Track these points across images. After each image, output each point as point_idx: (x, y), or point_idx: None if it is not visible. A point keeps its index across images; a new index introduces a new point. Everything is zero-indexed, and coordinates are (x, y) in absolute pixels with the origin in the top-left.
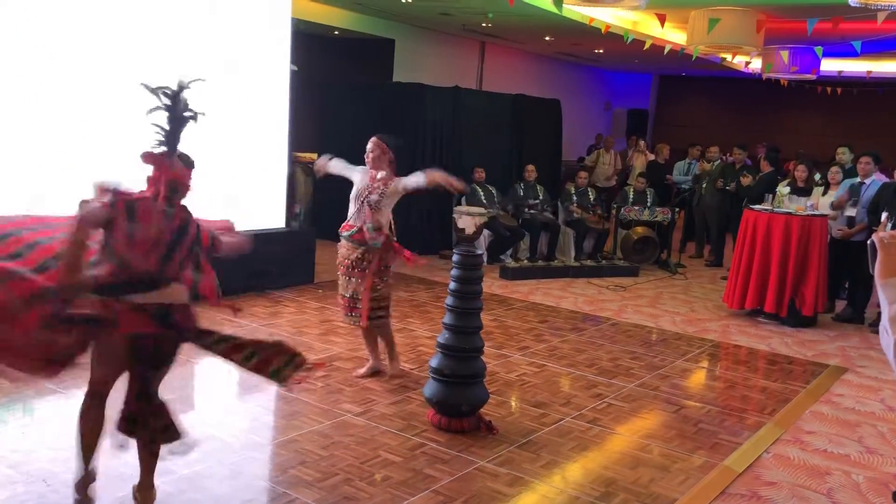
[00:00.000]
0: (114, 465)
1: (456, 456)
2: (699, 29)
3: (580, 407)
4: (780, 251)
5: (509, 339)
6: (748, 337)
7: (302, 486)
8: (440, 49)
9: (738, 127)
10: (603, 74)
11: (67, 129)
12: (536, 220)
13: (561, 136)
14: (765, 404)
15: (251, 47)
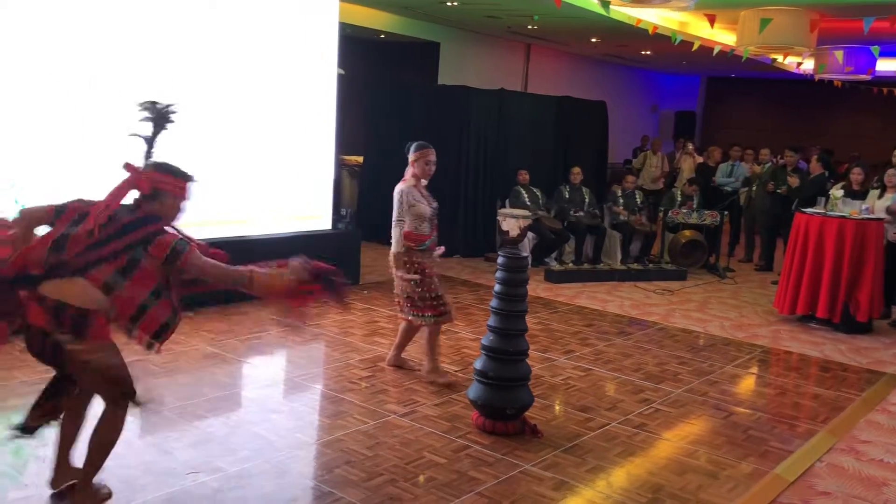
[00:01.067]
0: (162, 462)
1: (500, 459)
2: (750, 29)
3: (626, 412)
4: (833, 255)
5: (554, 342)
6: (800, 343)
7: (347, 486)
8: (485, 51)
9: (789, 129)
10: (650, 76)
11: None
12: (582, 222)
13: (607, 139)
14: (817, 412)
15: (299, 52)
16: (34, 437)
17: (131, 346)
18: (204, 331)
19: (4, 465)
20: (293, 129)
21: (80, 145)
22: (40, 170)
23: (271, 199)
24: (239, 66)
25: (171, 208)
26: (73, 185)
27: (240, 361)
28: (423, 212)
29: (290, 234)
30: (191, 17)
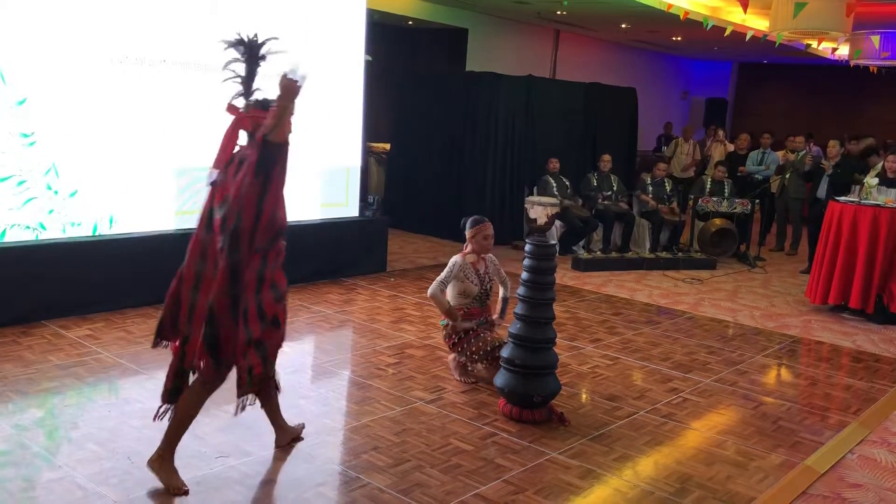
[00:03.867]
0: (192, 446)
1: (527, 446)
2: (783, 14)
3: (654, 401)
4: (867, 244)
5: (582, 330)
6: (832, 333)
7: (374, 471)
8: (514, 38)
9: (823, 116)
10: (680, 62)
11: (155, 120)
12: (610, 210)
13: (636, 126)
14: (849, 403)
15: (327, 39)
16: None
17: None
18: None
19: (39, 447)
20: (321, 115)
21: (113, 125)
22: (78, 153)
23: (298, 186)
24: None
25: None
26: (111, 168)
27: None
28: (470, 290)
29: (318, 220)
30: (220, 3)
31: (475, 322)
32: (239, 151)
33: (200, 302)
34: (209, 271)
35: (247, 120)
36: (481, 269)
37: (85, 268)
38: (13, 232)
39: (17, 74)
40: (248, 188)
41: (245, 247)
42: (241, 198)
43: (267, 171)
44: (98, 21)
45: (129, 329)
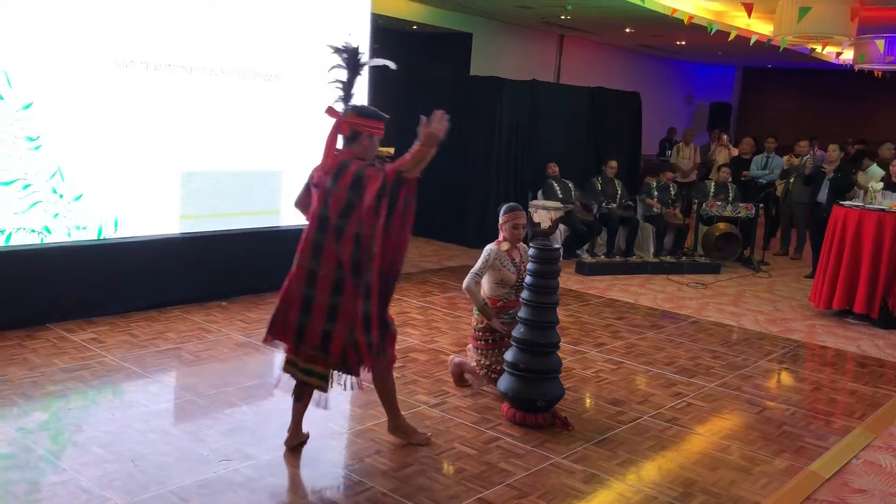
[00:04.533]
0: (195, 449)
1: (531, 451)
2: (788, 18)
3: (658, 405)
4: (871, 249)
5: (585, 335)
6: (836, 338)
7: (377, 475)
8: (518, 42)
9: (827, 121)
10: (684, 67)
11: (158, 123)
12: (614, 214)
13: (640, 130)
14: (854, 408)
15: (332, 42)
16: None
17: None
18: (237, 320)
19: (43, 450)
20: (325, 119)
21: (118, 129)
22: (83, 156)
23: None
24: (271, 57)
25: (367, 148)
26: (115, 172)
27: (272, 351)
28: (508, 279)
29: None
30: (224, 8)
31: (511, 315)
32: (341, 155)
33: (319, 298)
34: (324, 270)
35: (345, 125)
36: (516, 257)
37: (90, 271)
38: (18, 235)
39: (22, 78)
40: (374, 219)
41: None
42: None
43: (394, 201)
44: (103, 25)
45: (133, 332)
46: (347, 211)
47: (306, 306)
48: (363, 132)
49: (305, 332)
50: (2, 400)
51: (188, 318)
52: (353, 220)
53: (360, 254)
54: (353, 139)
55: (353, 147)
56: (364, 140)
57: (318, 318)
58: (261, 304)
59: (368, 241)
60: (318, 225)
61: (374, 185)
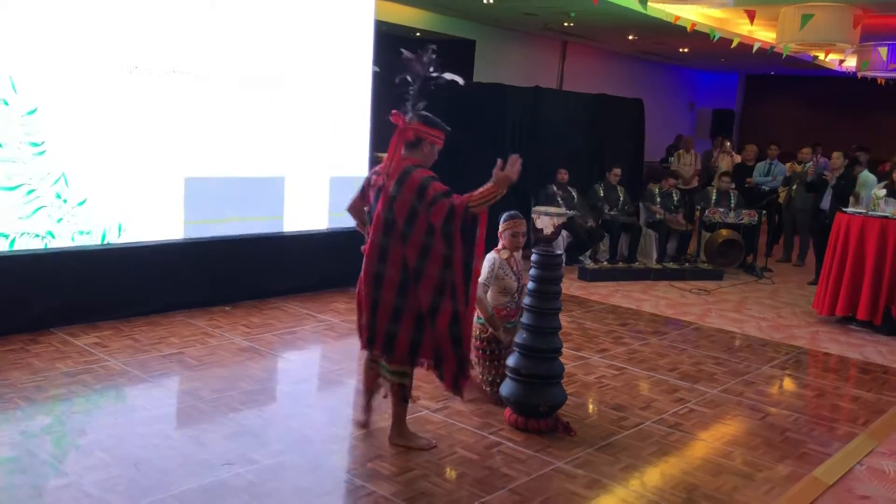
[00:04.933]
0: (198, 454)
1: (533, 456)
2: (790, 26)
3: (661, 411)
4: (874, 256)
5: (588, 340)
6: (839, 345)
7: (380, 480)
8: (521, 49)
9: (830, 128)
10: (687, 74)
11: (167, 125)
12: (617, 221)
13: (643, 137)
14: (857, 414)
15: (335, 50)
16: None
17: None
18: (240, 325)
19: (46, 454)
20: (328, 125)
21: (122, 134)
22: (88, 162)
23: (306, 196)
24: (274, 63)
25: (428, 155)
26: (119, 177)
27: (275, 356)
28: (510, 286)
29: (325, 229)
30: (227, 14)
31: (513, 324)
32: (405, 161)
33: (385, 299)
34: (390, 272)
35: (409, 131)
36: (514, 266)
37: (93, 276)
38: (22, 240)
39: (27, 84)
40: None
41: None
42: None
43: (465, 235)
44: (108, 31)
45: (136, 337)
46: (413, 217)
47: (373, 309)
48: (426, 139)
49: (375, 334)
50: (5, 404)
51: (191, 323)
52: (418, 227)
53: (424, 265)
54: (415, 146)
55: (415, 153)
56: (426, 147)
57: (382, 320)
58: (263, 309)
59: (437, 258)
60: (384, 229)
61: (440, 211)
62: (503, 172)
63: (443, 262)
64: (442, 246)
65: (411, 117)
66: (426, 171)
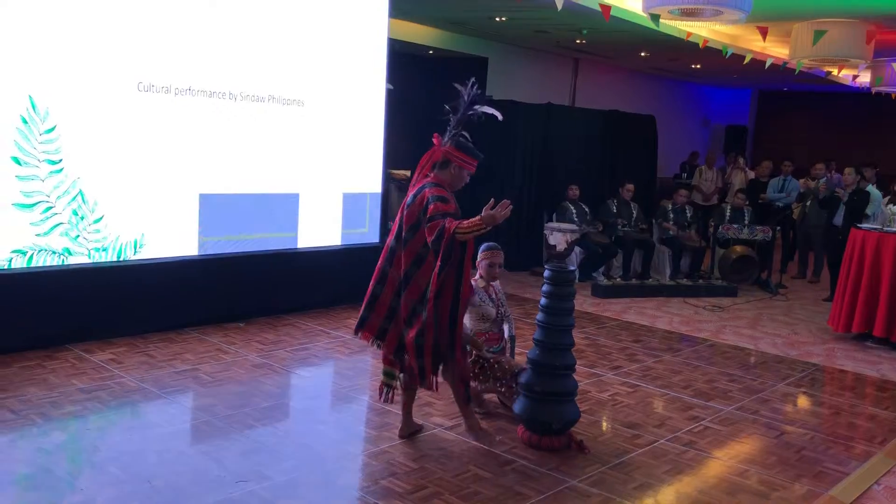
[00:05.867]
0: (212, 470)
1: (546, 474)
2: (803, 42)
3: (675, 429)
4: (890, 272)
5: (601, 357)
6: (855, 362)
7: (393, 498)
8: (533, 66)
9: (844, 144)
10: (700, 90)
11: (179, 140)
12: (630, 237)
13: (656, 153)
14: (874, 433)
15: (349, 67)
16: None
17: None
18: (254, 341)
19: (61, 470)
20: (342, 142)
21: (139, 152)
22: (104, 179)
23: (319, 211)
24: (289, 80)
25: (454, 177)
26: (135, 194)
27: (288, 372)
28: (488, 313)
29: (339, 246)
30: (242, 33)
31: (496, 350)
32: (430, 177)
33: (383, 296)
34: (393, 273)
35: (440, 152)
36: (492, 294)
37: (109, 293)
38: (39, 257)
39: (46, 103)
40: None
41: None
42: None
43: (445, 255)
44: (125, 50)
45: (151, 353)
46: (415, 227)
47: (371, 302)
48: (453, 162)
49: (365, 325)
50: (21, 420)
51: (205, 340)
52: (418, 236)
53: (415, 272)
54: (443, 166)
55: (442, 173)
56: (453, 170)
57: (378, 315)
58: (278, 326)
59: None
60: (397, 234)
61: (433, 229)
62: (491, 212)
63: (430, 273)
64: (433, 259)
65: (447, 140)
66: (440, 191)
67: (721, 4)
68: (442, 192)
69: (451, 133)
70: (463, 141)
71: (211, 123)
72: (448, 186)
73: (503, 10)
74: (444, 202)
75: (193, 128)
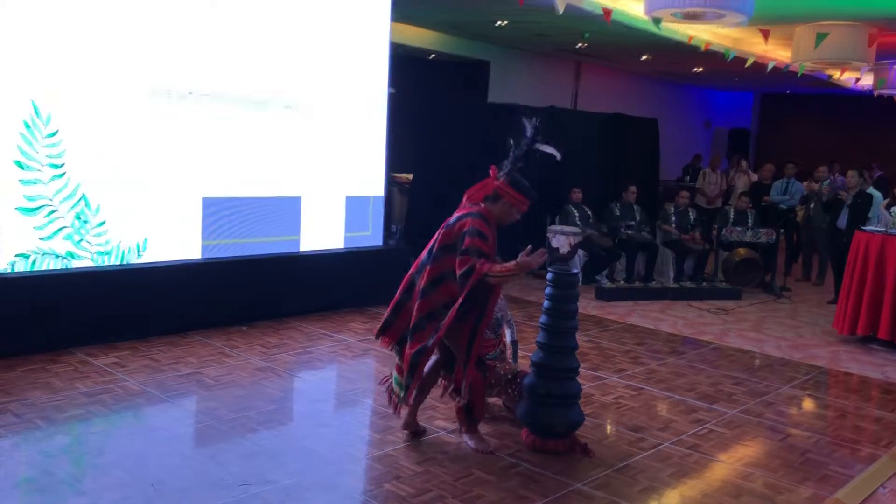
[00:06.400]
0: (215, 473)
1: (550, 477)
2: (805, 45)
3: (679, 432)
4: (895, 274)
5: (605, 360)
6: (860, 364)
7: (396, 501)
8: (535, 70)
9: (847, 147)
10: (702, 93)
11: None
12: (633, 240)
13: (658, 156)
14: (880, 436)
15: (352, 71)
16: None
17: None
18: (257, 345)
19: (65, 473)
20: (345, 145)
21: (142, 156)
22: (107, 183)
23: (322, 215)
24: (292, 84)
25: (503, 213)
26: (139, 198)
27: (291, 376)
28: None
29: (341, 249)
30: (245, 37)
31: (493, 356)
32: (478, 206)
33: (408, 305)
34: (420, 284)
35: (492, 185)
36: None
37: (112, 296)
38: (43, 260)
39: (48, 107)
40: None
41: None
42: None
43: (471, 293)
44: (127, 54)
45: (154, 357)
46: (447, 249)
47: (396, 308)
48: (503, 198)
49: (388, 330)
50: (25, 423)
51: (209, 343)
52: (447, 259)
53: (431, 290)
54: (494, 200)
55: (492, 206)
56: (503, 206)
57: (402, 322)
58: (281, 329)
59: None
60: (430, 249)
61: (463, 263)
62: (527, 258)
63: (447, 299)
64: (454, 286)
65: (502, 175)
66: (482, 226)
67: (723, 7)
68: (484, 227)
69: (507, 168)
70: (518, 178)
71: (213, 127)
72: (495, 220)
73: (504, 13)
74: (483, 239)
75: (196, 131)
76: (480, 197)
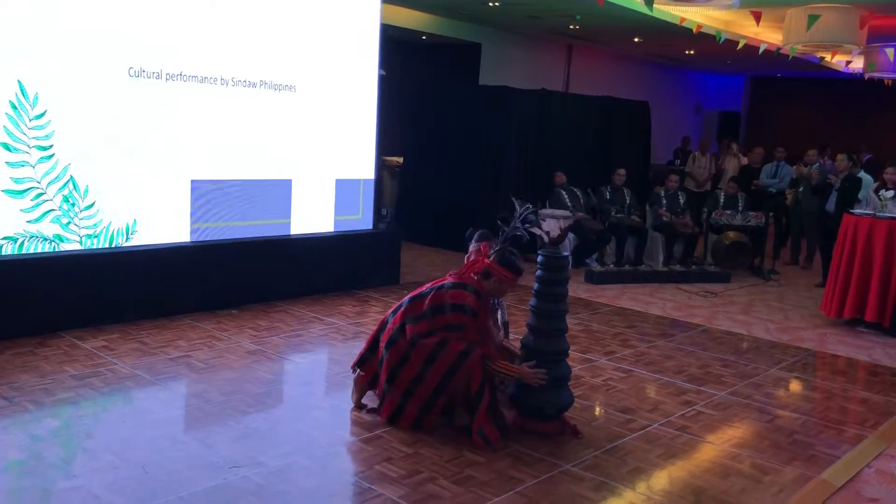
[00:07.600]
0: (205, 456)
1: (540, 458)
2: (797, 27)
3: (668, 414)
4: (882, 258)
5: (595, 343)
6: (847, 347)
7: (387, 483)
8: (526, 52)
9: (837, 130)
10: (693, 76)
11: (167, 131)
12: (623, 223)
13: (650, 139)
14: (866, 417)
15: (342, 53)
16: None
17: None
18: (247, 328)
19: (54, 456)
20: (335, 128)
21: (130, 138)
22: (95, 166)
23: (312, 198)
24: (281, 66)
25: (493, 289)
26: (127, 181)
27: (281, 359)
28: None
29: (332, 233)
30: (234, 18)
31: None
32: (470, 278)
33: (389, 361)
34: (402, 342)
35: (482, 263)
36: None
37: (101, 279)
38: (31, 243)
39: (35, 88)
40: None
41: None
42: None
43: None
44: (115, 35)
45: (143, 340)
46: (434, 312)
47: (374, 346)
48: (494, 276)
49: (364, 365)
50: (13, 407)
51: (198, 326)
52: (433, 321)
53: (411, 350)
54: (485, 277)
55: (484, 282)
56: (493, 282)
57: (376, 360)
58: (271, 312)
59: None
60: (397, 306)
61: (457, 344)
62: (529, 371)
63: (426, 356)
64: (432, 344)
65: (492, 253)
66: (466, 297)
67: None
68: (466, 299)
69: (497, 247)
70: (507, 256)
71: (203, 109)
72: (487, 294)
73: None
74: (473, 317)
75: (185, 113)
76: (474, 271)
